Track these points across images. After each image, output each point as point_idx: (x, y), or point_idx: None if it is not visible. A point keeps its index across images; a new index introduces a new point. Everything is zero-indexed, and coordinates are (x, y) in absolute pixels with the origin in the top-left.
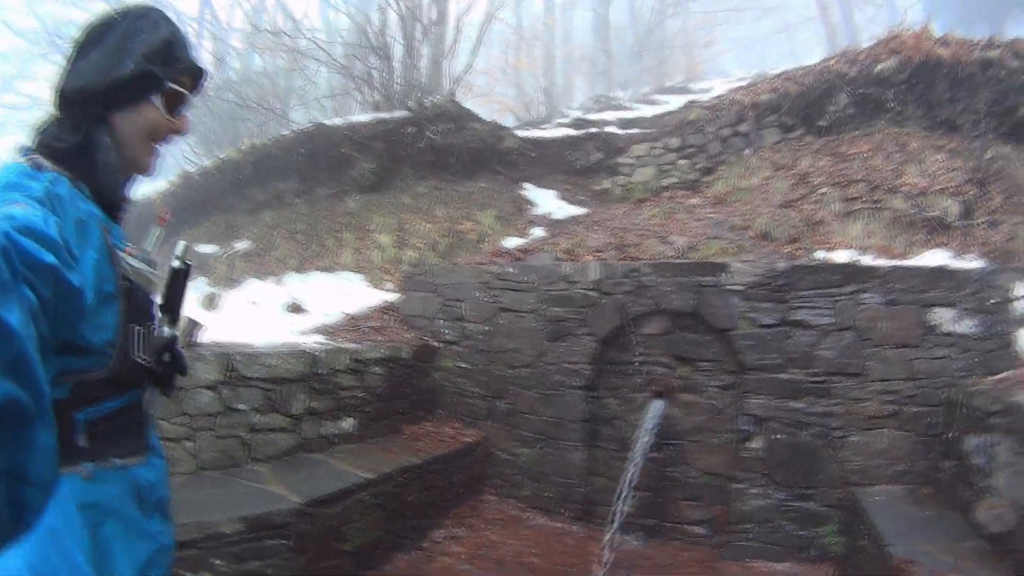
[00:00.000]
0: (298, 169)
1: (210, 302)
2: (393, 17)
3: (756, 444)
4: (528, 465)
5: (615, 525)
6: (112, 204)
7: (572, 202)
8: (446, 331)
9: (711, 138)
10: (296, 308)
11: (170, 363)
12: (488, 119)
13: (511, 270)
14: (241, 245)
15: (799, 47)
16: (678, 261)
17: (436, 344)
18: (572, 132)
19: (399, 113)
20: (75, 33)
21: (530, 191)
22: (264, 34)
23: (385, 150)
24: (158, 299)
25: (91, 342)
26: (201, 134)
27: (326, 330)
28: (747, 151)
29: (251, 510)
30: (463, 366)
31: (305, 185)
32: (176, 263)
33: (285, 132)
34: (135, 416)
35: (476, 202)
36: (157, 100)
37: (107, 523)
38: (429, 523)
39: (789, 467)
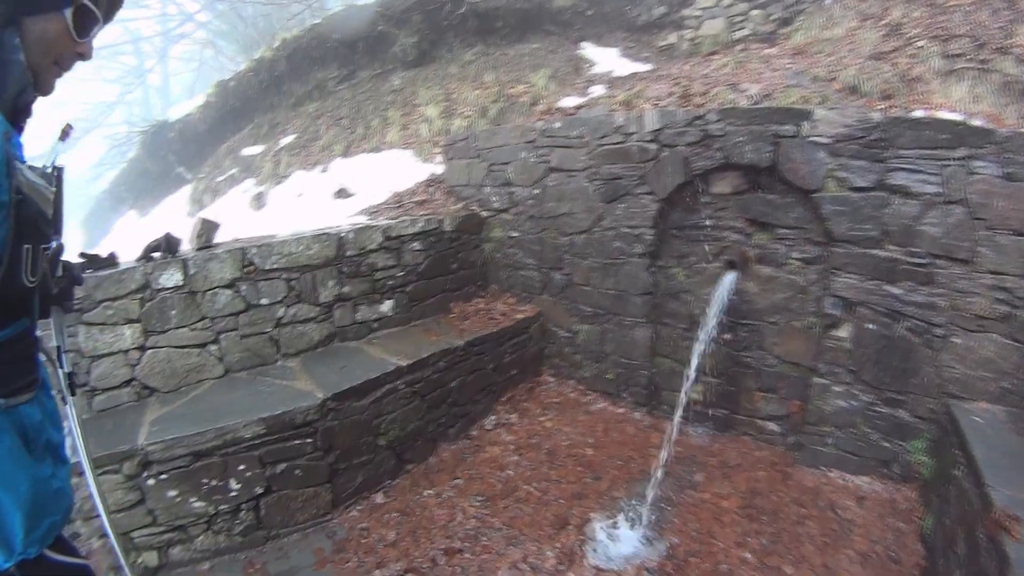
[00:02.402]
0: (336, 56)
1: (257, 201)
2: None
3: (843, 333)
4: (588, 343)
5: (679, 414)
6: (15, 112)
7: (635, 59)
8: (494, 198)
9: None
10: (343, 193)
11: (64, 276)
12: None
13: (558, 125)
14: (286, 140)
15: None
16: (749, 107)
17: (483, 213)
18: None
19: None
20: None
21: (588, 50)
22: None
23: (424, 21)
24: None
25: None
26: (233, 39)
27: (371, 211)
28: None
29: (271, 410)
30: (514, 235)
31: (346, 70)
32: (46, 166)
33: (317, 21)
34: (22, 349)
35: (528, 64)
36: (68, 14)
37: None
38: (480, 409)
39: (879, 364)
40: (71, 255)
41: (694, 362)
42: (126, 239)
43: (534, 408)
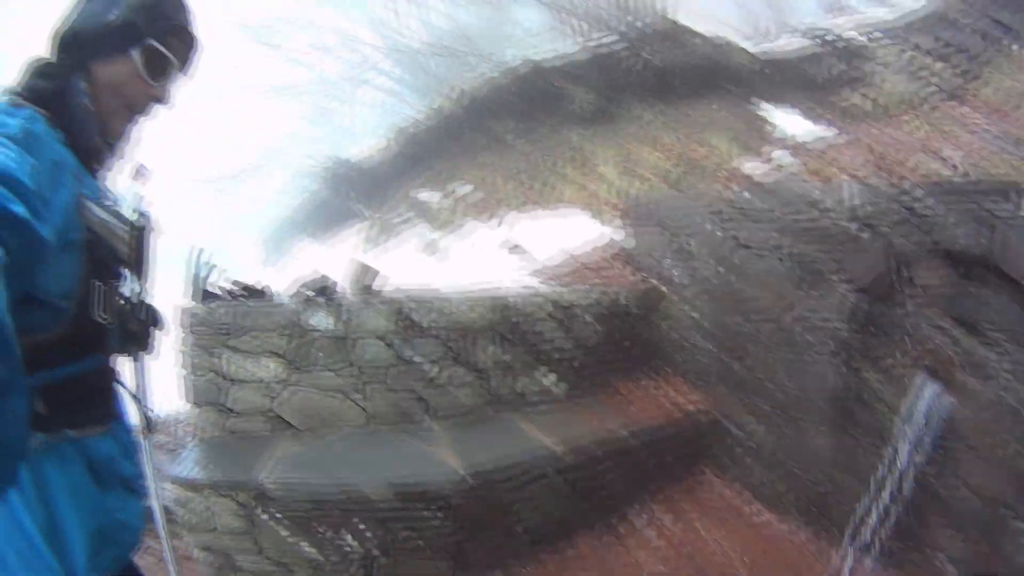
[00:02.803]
0: (513, 109)
1: (430, 247)
2: None
3: None
4: (761, 446)
5: (851, 541)
6: (87, 154)
7: (817, 120)
8: (674, 272)
9: (968, 33)
10: (516, 248)
11: (145, 320)
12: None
13: (746, 195)
14: (461, 190)
15: None
16: (963, 182)
17: (662, 287)
18: (806, 43)
19: (610, 38)
20: None
21: (767, 110)
22: None
23: (601, 79)
24: (124, 255)
25: (48, 292)
26: (414, 87)
27: (544, 272)
28: (1016, 47)
29: (404, 476)
30: (693, 315)
31: (522, 124)
32: (133, 216)
33: (495, 75)
34: (95, 384)
35: (707, 125)
36: (136, 55)
37: (57, 495)
38: (632, 503)
39: None
40: (244, 274)
41: (880, 485)
42: (299, 264)
43: (691, 511)
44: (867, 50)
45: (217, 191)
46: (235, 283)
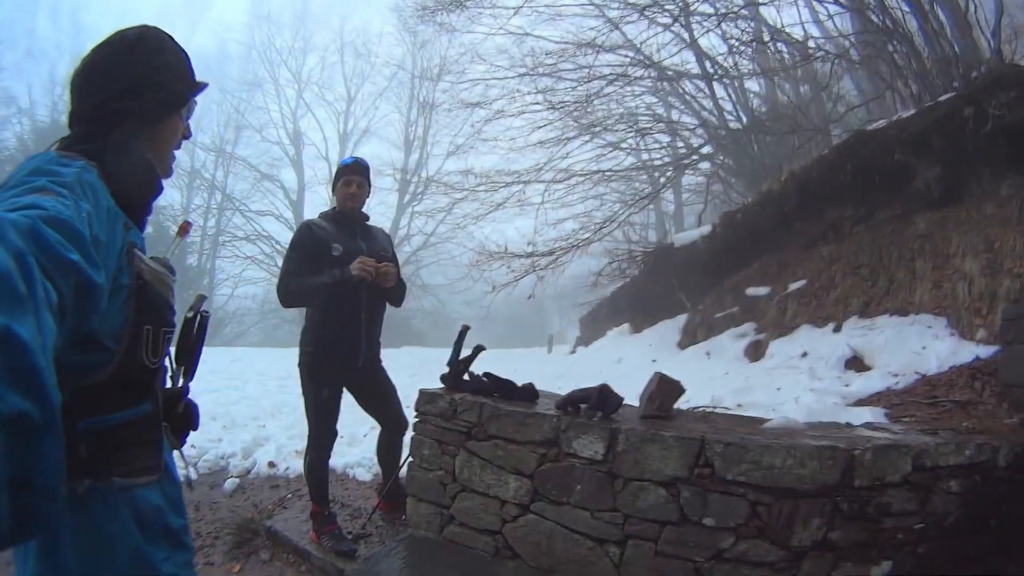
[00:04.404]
0: (848, 191)
1: (754, 350)
2: None
3: None
4: None
5: None
6: (136, 207)
7: None
8: None
9: None
10: (856, 363)
11: (182, 415)
12: None
13: None
14: (795, 285)
15: None
16: None
17: None
18: None
19: (945, 96)
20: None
21: None
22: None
23: (944, 147)
24: (173, 301)
25: (97, 333)
26: (741, 175)
27: (889, 399)
28: None
29: None
30: None
31: (861, 209)
32: (189, 314)
33: (824, 151)
34: (146, 432)
35: None
36: (184, 114)
37: (102, 541)
38: None
39: None
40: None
41: None
42: (611, 348)
43: None
44: None
45: (536, 267)
46: (486, 375)
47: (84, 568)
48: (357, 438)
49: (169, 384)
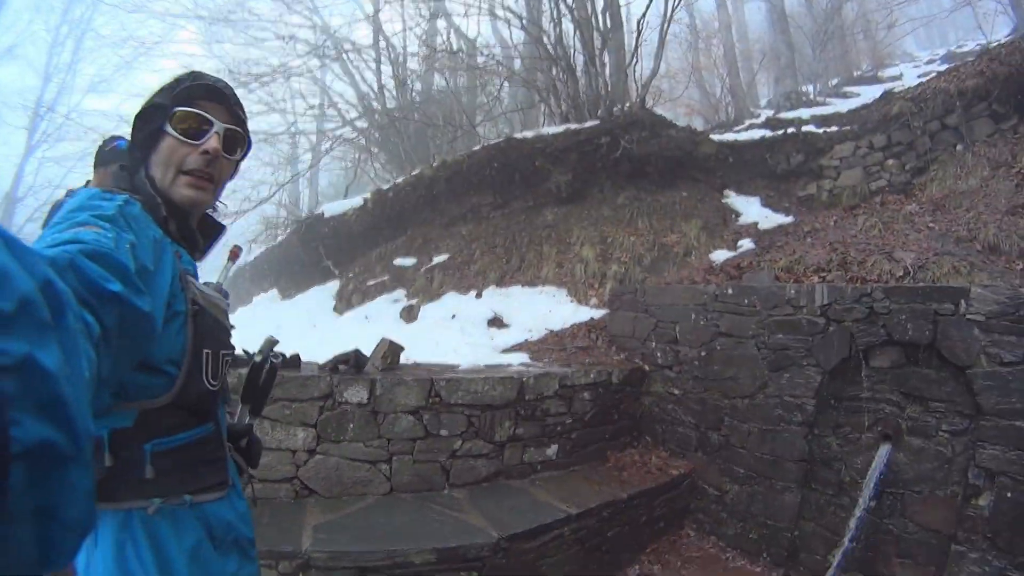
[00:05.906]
0: (492, 183)
1: (408, 313)
2: (568, 28)
3: (983, 501)
4: (735, 503)
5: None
6: (182, 237)
7: (777, 209)
8: (658, 354)
9: (918, 133)
10: (498, 322)
11: (246, 450)
12: (679, 124)
13: (730, 291)
14: (439, 258)
15: (983, 21)
16: (912, 286)
17: (646, 367)
18: (767, 133)
19: (590, 123)
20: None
21: (732, 199)
22: (441, 55)
23: (579, 161)
24: (230, 324)
25: (157, 359)
26: (391, 153)
27: (529, 347)
28: (959, 147)
29: (444, 542)
30: (675, 392)
31: (500, 199)
32: (258, 357)
33: (476, 148)
34: (211, 450)
35: (678, 212)
36: (169, 127)
37: (176, 559)
38: (625, 557)
39: (1014, 530)
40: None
41: (847, 530)
42: (265, 314)
43: (674, 561)
44: (824, 143)
45: None
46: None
47: None
48: None
49: (234, 420)
